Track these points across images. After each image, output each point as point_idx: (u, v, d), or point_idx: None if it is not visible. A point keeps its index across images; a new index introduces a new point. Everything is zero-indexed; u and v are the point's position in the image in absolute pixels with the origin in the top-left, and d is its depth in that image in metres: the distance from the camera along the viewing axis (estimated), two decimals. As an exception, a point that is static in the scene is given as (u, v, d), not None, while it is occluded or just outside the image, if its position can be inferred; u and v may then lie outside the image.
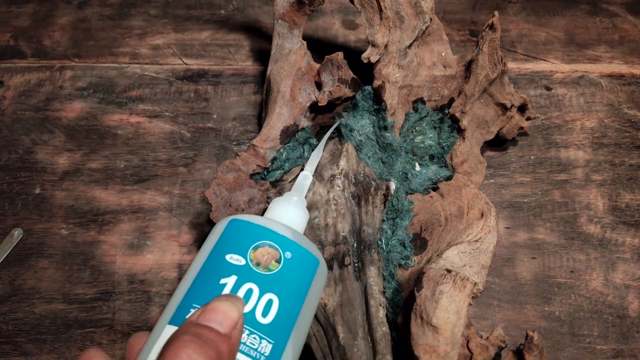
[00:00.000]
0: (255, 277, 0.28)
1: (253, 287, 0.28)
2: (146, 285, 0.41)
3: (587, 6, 0.57)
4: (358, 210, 0.39)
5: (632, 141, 0.48)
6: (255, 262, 0.29)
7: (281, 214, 0.33)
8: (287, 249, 0.30)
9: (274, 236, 0.30)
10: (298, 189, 0.36)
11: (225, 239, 0.30)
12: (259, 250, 0.29)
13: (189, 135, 0.48)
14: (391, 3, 0.41)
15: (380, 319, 0.35)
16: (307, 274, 0.30)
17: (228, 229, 0.31)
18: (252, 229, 0.30)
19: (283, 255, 0.30)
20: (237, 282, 0.28)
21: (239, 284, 0.28)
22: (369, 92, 0.42)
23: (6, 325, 0.39)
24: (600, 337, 0.39)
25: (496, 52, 0.41)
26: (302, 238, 0.31)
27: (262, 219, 0.31)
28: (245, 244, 0.30)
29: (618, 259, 0.42)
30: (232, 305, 0.25)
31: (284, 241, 0.30)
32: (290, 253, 0.30)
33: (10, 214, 0.44)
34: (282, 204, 0.34)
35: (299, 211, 0.34)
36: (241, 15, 0.57)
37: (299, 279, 0.30)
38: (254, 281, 0.28)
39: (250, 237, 0.30)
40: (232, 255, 0.29)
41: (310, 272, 0.31)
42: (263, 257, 0.29)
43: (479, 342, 0.31)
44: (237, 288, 0.28)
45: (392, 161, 0.41)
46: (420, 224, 0.40)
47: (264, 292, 0.28)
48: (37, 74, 0.52)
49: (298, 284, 0.30)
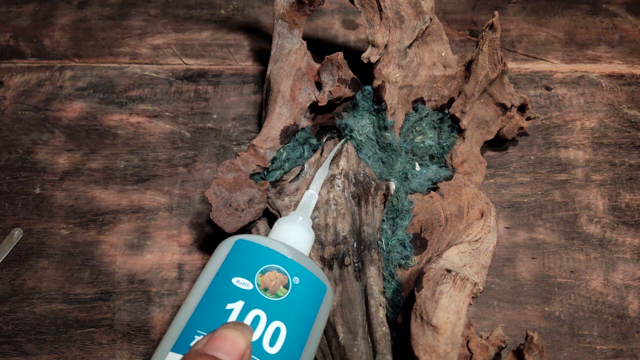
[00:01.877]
0: (263, 304, 0.27)
1: (260, 314, 0.27)
2: (146, 285, 0.41)
3: (587, 6, 0.57)
4: (358, 210, 0.39)
5: (632, 141, 0.48)
6: (263, 287, 0.28)
7: (287, 235, 0.32)
8: (295, 274, 0.29)
9: (282, 260, 0.29)
10: (303, 209, 0.35)
11: (232, 261, 0.29)
12: (267, 274, 0.28)
13: (189, 135, 0.48)
14: (391, 3, 0.41)
15: (380, 319, 0.35)
16: (315, 301, 0.29)
17: (234, 250, 0.30)
18: (259, 251, 0.29)
19: (291, 281, 0.28)
20: (244, 308, 0.27)
21: (246, 310, 0.27)
22: (369, 92, 0.42)
23: (6, 325, 0.39)
24: (600, 337, 0.39)
25: (496, 52, 0.41)
26: (309, 262, 0.30)
27: (269, 240, 0.30)
28: (252, 267, 0.28)
29: (618, 259, 0.42)
30: (240, 334, 0.24)
31: (292, 265, 0.29)
32: (299, 278, 0.29)
33: (10, 214, 0.44)
34: (287, 224, 0.33)
35: (305, 232, 0.33)
36: (241, 15, 0.57)
37: (307, 306, 0.29)
38: (261, 307, 0.27)
39: (258, 260, 0.29)
40: (239, 279, 0.28)
41: (317, 298, 0.29)
42: (271, 282, 0.28)
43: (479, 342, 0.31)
44: (244, 314, 0.27)
45: (392, 161, 0.41)
46: (420, 224, 0.40)
47: (271, 319, 0.27)
48: (37, 74, 0.52)
49: (306, 312, 0.28)
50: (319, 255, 0.37)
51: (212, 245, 0.43)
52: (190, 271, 0.41)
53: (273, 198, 0.39)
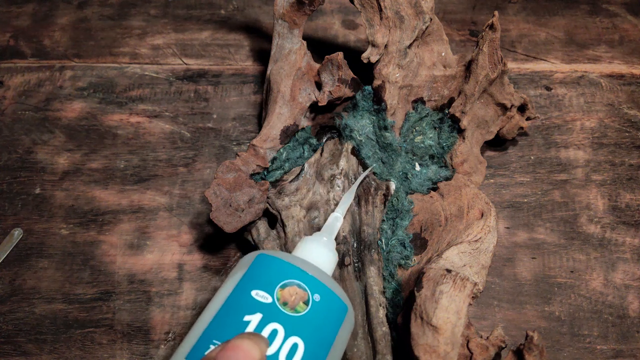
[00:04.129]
0: (282, 318, 0.27)
1: (278, 328, 0.26)
2: (146, 285, 0.41)
3: (587, 6, 0.57)
4: (358, 210, 0.39)
5: (632, 141, 0.48)
6: (282, 302, 0.27)
7: (310, 253, 0.32)
8: (316, 291, 0.28)
9: (303, 276, 0.29)
10: (328, 230, 0.35)
11: (252, 274, 0.29)
12: (287, 289, 0.28)
13: (189, 135, 0.48)
14: (391, 3, 0.41)
15: (380, 319, 0.35)
16: (335, 320, 0.29)
17: (255, 264, 0.29)
18: (280, 266, 0.29)
19: (312, 297, 0.28)
20: (262, 321, 0.26)
21: (264, 323, 0.26)
22: (369, 92, 0.42)
23: (6, 325, 0.39)
24: (600, 337, 0.39)
25: (496, 52, 0.41)
26: (331, 281, 0.30)
27: (291, 257, 0.30)
28: (273, 281, 0.28)
29: (618, 259, 0.42)
30: (254, 345, 0.23)
31: (313, 282, 0.29)
32: (319, 296, 0.28)
33: (10, 214, 0.44)
34: (311, 243, 0.32)
35: (328, 252, 0.32)
36: (241, 15, 0.57)
37: (327, 324, 0.28)
38: (279, 321, 0.27)
39: (279, 275, 0.28)
40: (258, 292, 0.28)
41: (338, 318, 0.29)
42: (291, 297, 0.28)
43: (479, 342, 0.31)
44: (261, 327, 0.26)
45: (392, 161, 0.41)
46: (420, 224, 0.40)
47: (289, 334, 0.26)
48: (37, 74, 0.52)
49: (325, 330, 0.28)
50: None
51: (212, 245, 0.43)
52: (190, 271, 0.41)
53: (273, 198, 0.39)
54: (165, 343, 0.38)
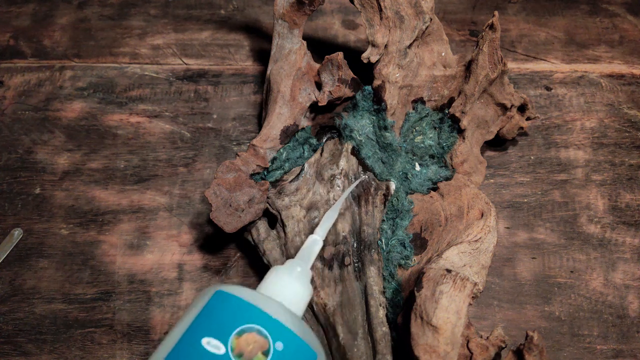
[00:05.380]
0: None
1: None
2: (146, 285, 0.41)
3: (587, 6, 0.57)
4: (358, 210, 0.39)
5: (632, 141, 0.48)
6: (237, 352, 0.24)
7: (279, 288, 0.28)
8: (278, 338, 0.25)
9: (265, 319, 0.25)
10: (304, 257, 0.31)
11: (206, 316, 0.25)
12: (244, 336, 0.24)
13: (189, 135, 0.48)
14: (391, 3, 0.41)
15: (380, 319, 0.35)
16: None
17: (211, 303, 0.26)
18: (239, 307, 0.25)
19: (273, 346, 0.24)
20: None
21: None
22: (369, 92, 0.42)
23: (6, 325, 0.39)
24: (600, 337, 0.39)
25: (496, 52, 0.41)
26: (299, 324, 0.26)
27: (253, 295, 0.26)
28: (228, 327, 0.24)
29: (618, 259, 0.42)
30: None
31: (276, 327, 0.25)
32: (282, 344, 0.24)
33: (10, 214, 0.44)
34: (281, 275, 0.29)
35: (300, 287, 0.28)
36: (241, 15, 0.57)
37: None
38: None
39: (236, 318, 0.25)
40: (210, 340, 0.24)
41: None
42: (248, 347, 0.24)
43: (479, 342, 0.31)
44: None
45: (392, 161, 0.41)
46: (420, 224, 0.40)
47: None
48: (37, 74, 0.52)
49: None
50: (319, 255, 0.37)
51: (212, 245, 0.43)
52: (190, 271, 0.41)
53: (273, 198, 0.39)
54: (165, 343, 0.38)
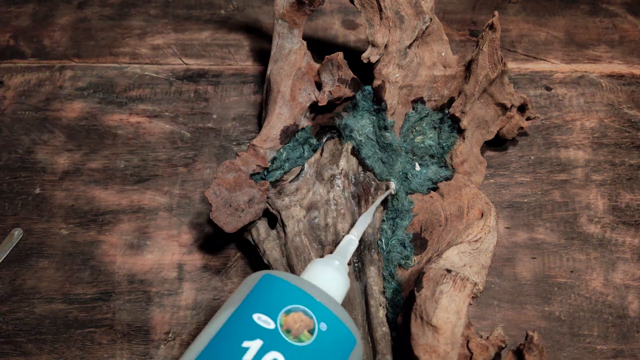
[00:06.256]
0: (283, 346, 0.25)
1: (278, 358, 0.25)
2: (146, 285, 0.41)
3: (587, 6, 0.57)
4: (358, 210, 0.39)
5: (632, 141, 0.48)
6: (285, 328, 0.26)
7: (320, 277, 0.30)
8: (322, 319, 0.26)
9: (310, 302, 0.27)
10: (341, 253, 0.33)
11: (256, 295, 0.27)
12: (292, 315, 0.26)
13: (189, 135, 0.48)
14: (391, 3, 0.41)
15: (380, 319, 0.35)
16: (341, 354, 0.26)
17: (260, 285, 0.28)
18: (286, 289, 0.27)
19: (318, 326, 0.26)
20: (262, 349, 0.25)
21: (264, 351, 0.25)
22: (369, 92, 0.42)
23: (6, 325, 0.39)
24: (600, 337, 0.39)
25: (496, 52, 0.41)
26: (340, 310, 0.28)
27: (298, 280, 0.28)
28: (277, 305, 0.26)
29: (618, 259, 0.42)
30: None
31: (320, 309, 0.27)
32: (326, 325, 0.26)
33: (10, 214, 0.44)
34: (322, 266, 0.30)
35: (340, 277, 0.30)
36: (241, 15, 0.57)
37: (332, 358, 0.26)
38: (280, 350, 0.25)
39: (284, 298, 0.27)
40: (260, 316, 0.26)
41: (345, 351, 0.27)
42: (295, 324, 0.26)
43: (479, 342, 0.31)
44: (260, 355, 0.24)
45: (392, 161, 0.41)
46: (420, 224, 0.40)
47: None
48: (37, 74, 0.52)
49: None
50: (319, 255, 0.37)
51: (212, 245, 0.43)
52: (190, 271, 0.41)
53: (273, 198, 0.39)
54: (165, 343, 0.38)
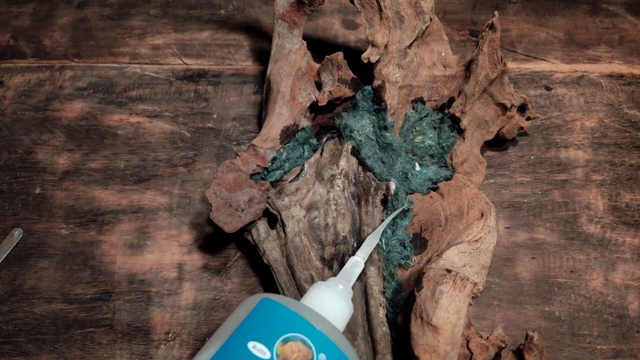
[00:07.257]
0: None
1: None
2: (146, 285, 0.41)
3: (587, 6, 0.57)
4: (358, 210, 0.39)
5: (632, 141, 0.48)
6: (282, 359, 0.24)
7: (322, 303, 0.29)
8: (322, 350, 0.25)
9: (310, 330, 0.26)
10: (346, 277, 0.32)
11: (252, 321, 0.26)
12: (289, 344, 0.25)
13: (189, 135, 0.48)
14: (391, 3, 0.41)
15: (380, 319, 0.35)
16: None
17: (257, 310, 0.27)
18: (285, 316, 0.26)
19: (316, 357, 0.25)
20: None
21: None
22: (369, 92, 0.42)
23: (6, 325, 0.39)
24: (600, 337, 0.39)
25: (496, 52, 0.41)
26: (342, 339, 0.27)
27: (298, 305, 0.27)
28: (274, 333, 0.25)
29: (618, 259, 0.42)
30: None
31: (320, 339, 0.25)
32: (325, 356, 0.25)
33: (10, 214, 0.44)
34: (324, 290, 0.29)
35: (342, 303, 0.29)
36: (241, 15, 0.57)
37: None
38: None
39: (282, 326, 0.25)
40: (256, 344, 0.25)
41: None
42: (292, 355, 0.25)
43: (479, 342, 0.31)
44: None
45: (392, 161, 0.41)
46: (420, 224, 0.40)
47: None
48: (37, 74, 0.52)
49: None
50: (318, 255, 0.37)
51: (212, 245, 0.43)
52: (190, 271, 0.41)
53: (273, 198, 0.39)
54: (165, 343, 0.38)
